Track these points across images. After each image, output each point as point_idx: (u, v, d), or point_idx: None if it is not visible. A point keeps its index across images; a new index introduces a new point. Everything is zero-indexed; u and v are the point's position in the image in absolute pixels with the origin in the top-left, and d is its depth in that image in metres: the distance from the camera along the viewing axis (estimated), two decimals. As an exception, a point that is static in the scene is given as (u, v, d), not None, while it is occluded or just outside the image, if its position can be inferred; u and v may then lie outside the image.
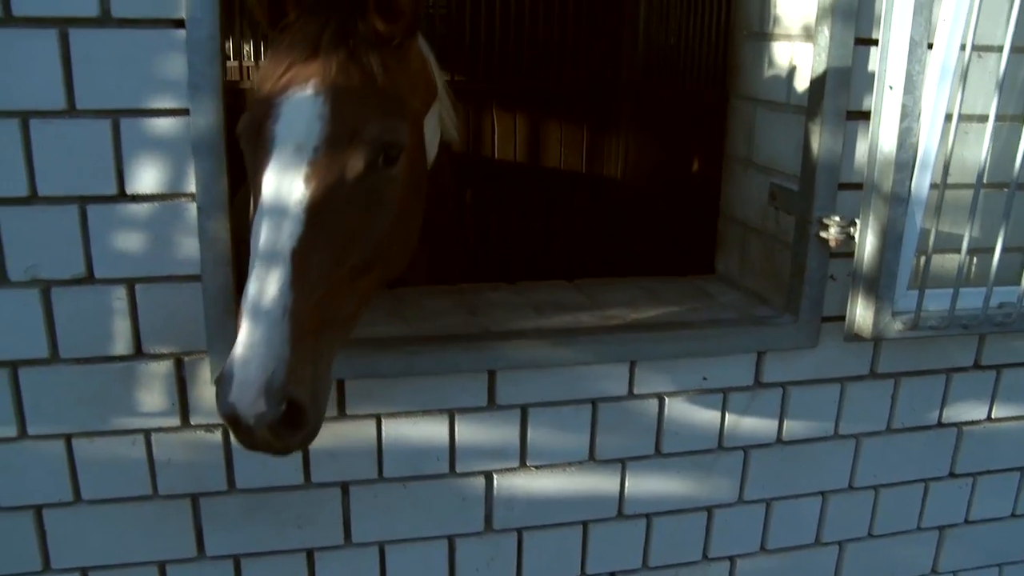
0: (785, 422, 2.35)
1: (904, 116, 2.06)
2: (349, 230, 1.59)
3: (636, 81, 4.84)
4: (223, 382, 1.44)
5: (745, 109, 2.48)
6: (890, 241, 2.12)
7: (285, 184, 1.56)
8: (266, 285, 1.49)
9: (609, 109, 4.93)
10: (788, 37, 2.29)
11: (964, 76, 2.06)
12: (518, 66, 4.91)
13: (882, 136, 2.10)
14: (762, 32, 2.39)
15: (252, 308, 1.48)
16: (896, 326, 2.17)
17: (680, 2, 4.34)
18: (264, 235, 1.53)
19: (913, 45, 2.02)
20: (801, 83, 2.24)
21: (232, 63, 4.65)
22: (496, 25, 4.85)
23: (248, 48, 4.84)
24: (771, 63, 2.36)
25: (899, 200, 2.10)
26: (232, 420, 1.43)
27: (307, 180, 1.55)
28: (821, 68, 2.13)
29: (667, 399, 2.25)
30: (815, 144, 2.16)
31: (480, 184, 4.80)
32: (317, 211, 1.54)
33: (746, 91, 2.48)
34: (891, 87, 2.07)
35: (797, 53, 2.25)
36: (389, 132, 1.66)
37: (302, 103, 1.62)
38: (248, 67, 4.83)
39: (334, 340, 1.60)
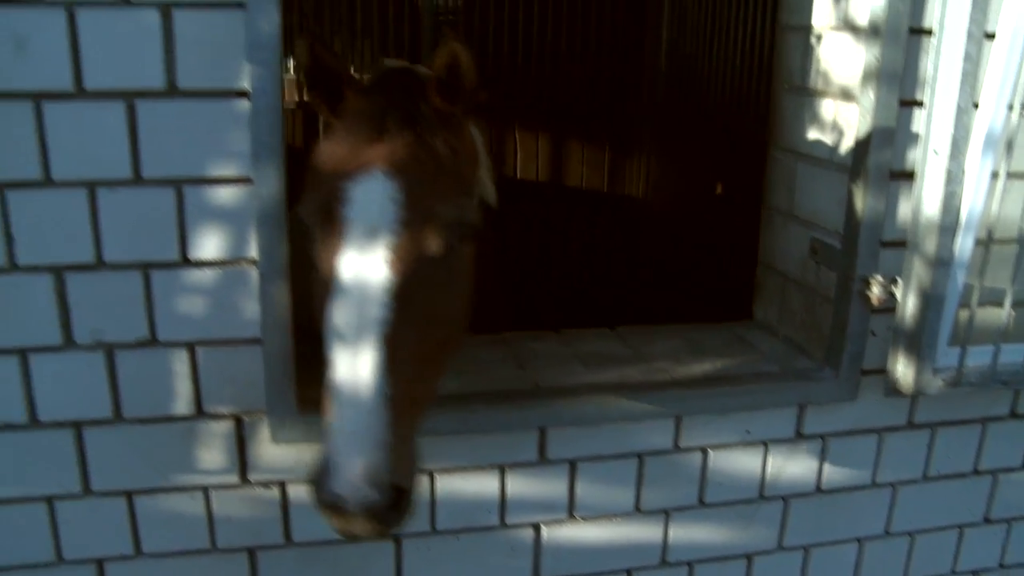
0: (824, 472, 2.40)
1: (949, 181, 2.10)
2: (431, 309, 1.60)
3: (658, 101, 4.88)
4: (324, 472, 1.43)
5: (786, 161, 2.52)
6: (932, 302, 2.16)
7: (367, 268, 1.56)
8: (359, 371, 1.48)
9: (631, 129, 4.96)
10: (831, 95, 2.32)
11: (1012, 138, 2.09)
12: (540, 86, 4.94)
13: (926, 200, 2.14)
14: (804, 87, 2.42)
15: (348, 395, 1.47)
16: (937, 383, 2.22)
17: (705, 25, 4.37)
18: (350, 320, 1.52)
19: (959, 112, 2.06)
20: (844, 141, 2.27)
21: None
22: (519, 46, 4.88)
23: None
24: (813, 118, 2.39)
25: (942, 262, 2.14)
26: (337, 509, 1.42)
27: (390, 264, 1.55)
28: (865, 128, 2.16)
29: (711, 452, 2.30)
30: (858, 203, 2.20)
31: (504, 204, 4.84)
32: (402, 294, 1.55)
33: (786, 143, 2.52)
34: (936, 152, 2.11)
35: (840, 111, 2.28)
36: (463, 212, 1.67)
37: (376, 186, 1.61)
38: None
39: (420, 416, 1.63)
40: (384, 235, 1.58)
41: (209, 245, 1.94)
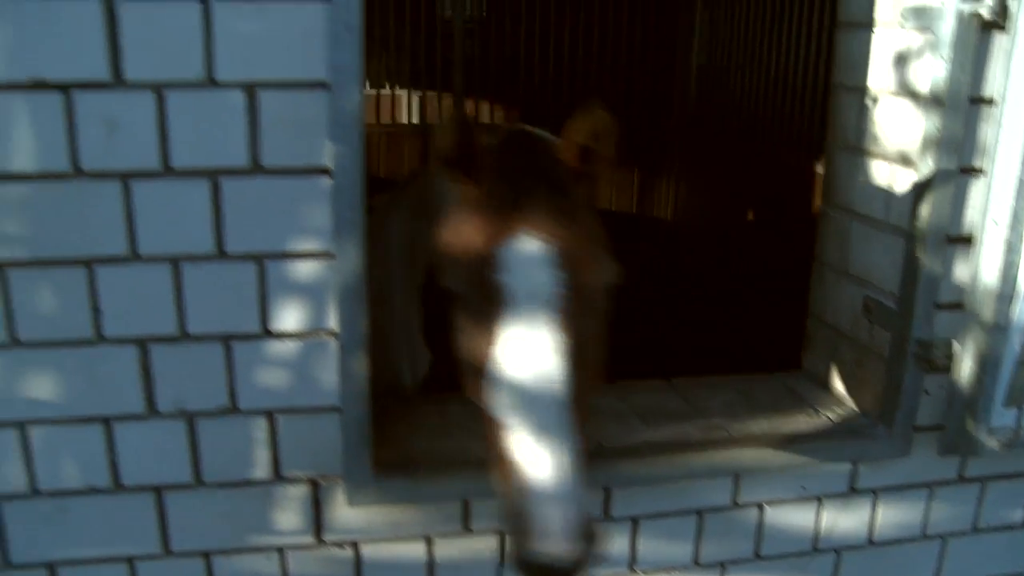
0: (876, 524, 2.45)
1: (1008, 251, 2.14)
2: (595, 363, 1.66)
3: (688, 123, 4.92)
4: (532, 533, 1.45)
5: (840, 219, 2.56)
6: (988, 366, 2.21)
7: (540, 335, 1.57)
8: (552, 432, 1.51)
9: (660, 151, 5.00)
10: (887, 157, 2.36)
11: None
12: (570, 107, 4.98)
13: (984, 268, 2.19)
14: (858, 147, 2.46)
15: (545, 456, 1.49)
16: (992, 444, 2.27)
17: (736, 47, 4.41)
18: (533, 385, 1.54)
19: (1020, 184, 2.11)
20: (900, 204, 2.31)
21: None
22: (550, 67, 4.93)
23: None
24: (868, 179, 2.43)
25: (999, 329, 2.19)
26: (546, 568, 1.45)
27: (561, 328, 1.58)
28: (923, 194, 2.20)
29: (767, 507, 2.36)
30: (915, 266, 2.24)
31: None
32: (575, 355, 1.58)
33: (840, 201, 2.56)
34: (996, 222, 2.15)
35: (897, 174, 2.32)
36: (613, 268, 1.70)
37: (535, 252, 1.62)
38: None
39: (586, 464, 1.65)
40: (550, 299, 1.59)
41: (289, 317, 1.99)
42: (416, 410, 2.39)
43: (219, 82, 1.86)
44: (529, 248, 1.62)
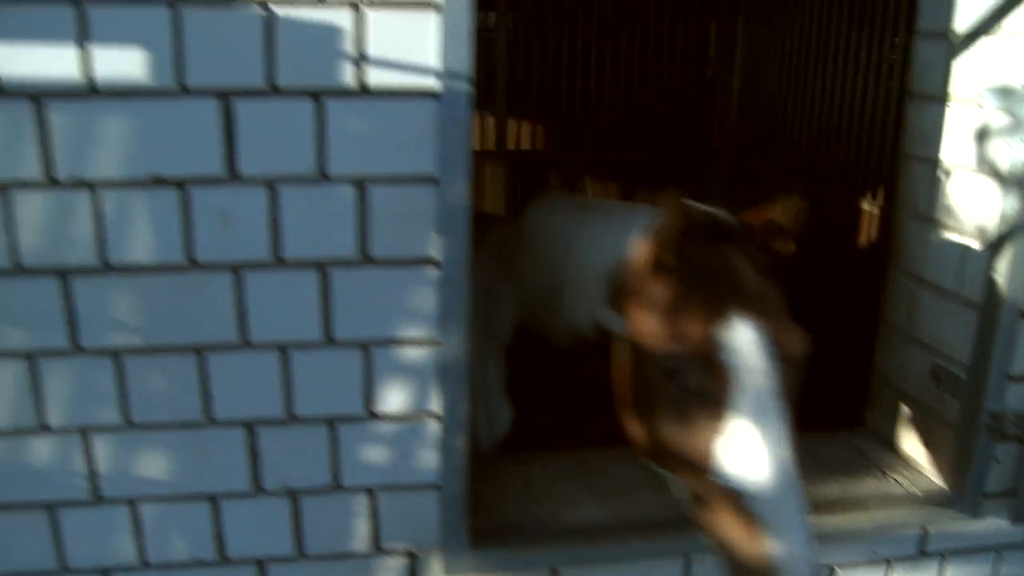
0: (943, 584, 2.53)
1: (1085, 332, 2.20)
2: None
3: (729, 151, 4.96)
4: None
5: (909, 286, 2.61)
6: (1061, 439, 2.28)
7: (768, 411, 1.70)
8: (791, 504, 1.65)
9: (700, 181, 5.04)
10: (959, 231, 2.41)
11: None
12: (610, 139, 5.04)
13: (1061, 346, 2.25)
14: (929, 217, 2.51)
15: (787, 527, 1.63)
16: (1063, 514, 2.35)
17: (776, 78, 4.44)
18: (768, 461, 1.67)
19: (1099, 269, 2.16)
20: (973, 276, 2.36)
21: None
22: (591, 100, 4.96)
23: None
24: (939, 249, 2.48)
25: (1073, 404, 2.26)
26: None
27: (784, 399, 1.72)
28: (999, 269, 2.26)
29: (839, 570, 2.43)
30: (988, 339, 2.30)
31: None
32: (791, 424, 1.73)
33: (909, 268, 2.61)
34: (1073, 304, 2.21)
35: (970, 248, 2.37)
36: (805, 339, 1.82)
37: (752, 335, 1.75)
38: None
39: None
40: (773, 378, 1.73)
41: (393, 400, 2.05)
42: (500, 472, 2.45)
43: (331, 177, 1.91)
44: (749, 331, 1.76)
